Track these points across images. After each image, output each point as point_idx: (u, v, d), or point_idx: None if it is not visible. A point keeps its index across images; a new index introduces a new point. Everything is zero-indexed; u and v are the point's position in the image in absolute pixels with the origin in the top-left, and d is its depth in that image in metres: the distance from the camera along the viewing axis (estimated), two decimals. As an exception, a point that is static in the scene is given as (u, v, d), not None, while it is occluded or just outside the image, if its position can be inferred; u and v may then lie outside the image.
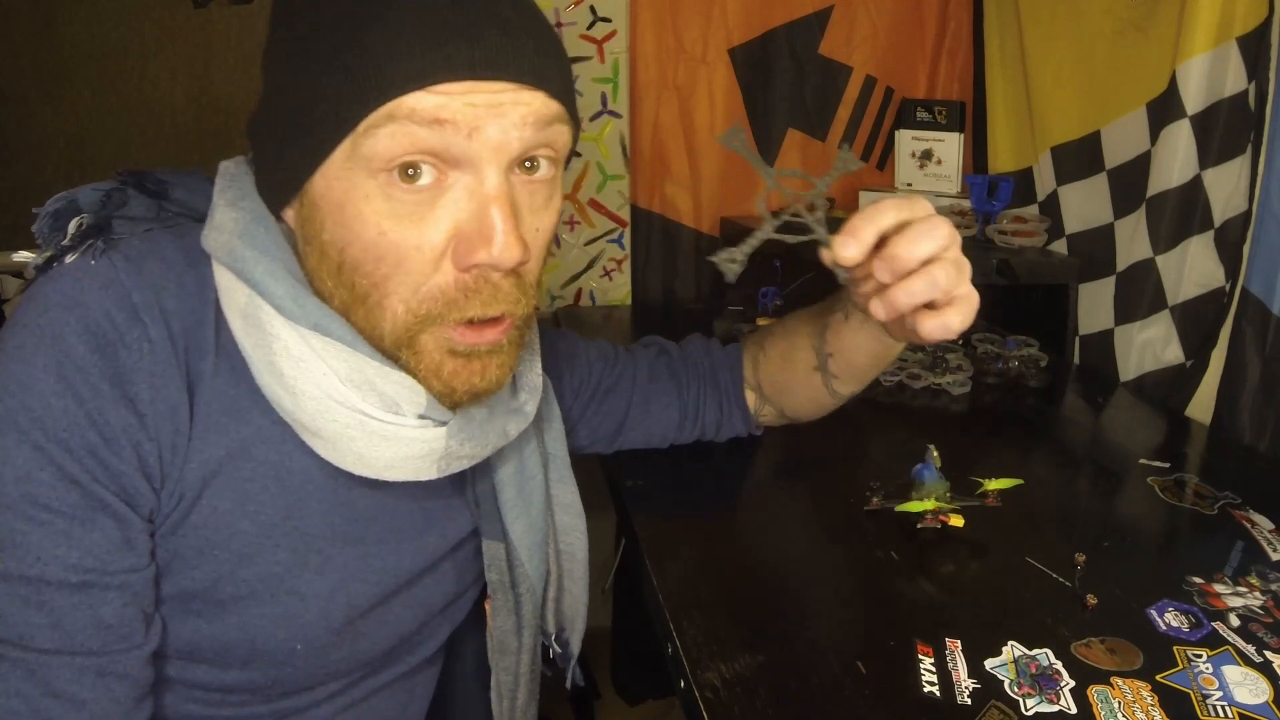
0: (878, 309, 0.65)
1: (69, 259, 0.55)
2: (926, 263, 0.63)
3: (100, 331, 0.53)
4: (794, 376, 0.90)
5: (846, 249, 0.62)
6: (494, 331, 0.57)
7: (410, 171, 0.52)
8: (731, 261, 0.63)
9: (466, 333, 0.56)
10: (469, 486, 0.71)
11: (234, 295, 0.57)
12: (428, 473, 0.61)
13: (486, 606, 0.73)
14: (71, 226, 0.56)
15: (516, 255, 0.53)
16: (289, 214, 0.59)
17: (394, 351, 0.57)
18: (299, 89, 0.53)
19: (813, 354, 0.86)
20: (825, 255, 0.64)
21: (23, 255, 0.59)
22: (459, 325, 0.56)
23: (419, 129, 0.51)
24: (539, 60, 0.54)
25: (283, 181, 0.57)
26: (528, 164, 0.56)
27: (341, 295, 0.56)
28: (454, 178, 0.53)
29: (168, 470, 0.56)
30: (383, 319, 0.56)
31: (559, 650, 0.79)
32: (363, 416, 0.57)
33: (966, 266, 0.65)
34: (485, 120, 0.52)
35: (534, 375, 0.71)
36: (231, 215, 0.58)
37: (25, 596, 0.51)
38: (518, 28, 0.53)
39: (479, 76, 0.51)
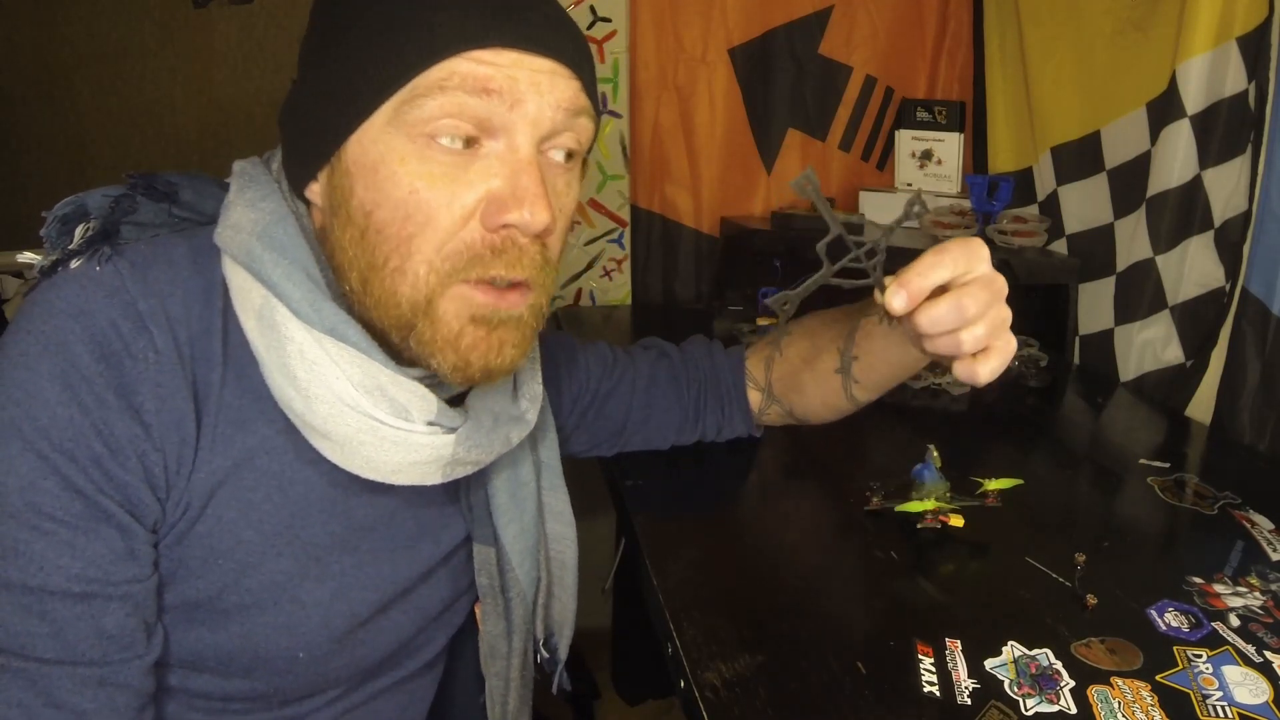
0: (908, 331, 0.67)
1: (74, 264, 0.55)
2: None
3: (105, 341, 0.53)
4: (813, 378, 0.90)
5: (896, 299, 0.62)
6: (516, 294, 0.57)
7: (449, 137, 0.54)
8: (784, 304, 0.64)
9: (489, 292, 0.56)
10: (463, 494, 0.71)
11: (249, 296, 0.56)
12: (432, 478, 0.61)
13: (476, 610, 0.73)
14: (78, 231, 0.55)
15: (545, 218, 0.55)
16: (314, 188, 0.59)
17: (410, 321, 0.56)
18: (346, 57, 0.54)
19: (837, 356, 0.85)
20: (876, 297, 0.64)
21: (28, 256, 0.58)
22: (482, 284, 0.56)
23: (468, 97, 0.53)
24: (576, 50, 0.57)
25: (316, 149, 0.57)
26: (553, 150, 0.58)
27: (362, 264, 0.56)
28: (489, 146, 0.55)
29: (173, 481, 0.56)
30: (402, 283, 0.55)
31: (547, 655, 0.79)
32: (374, 422, 0.56)
33: (1007, 320, 0.66)
34: (526, 94, 0.54)
35: (534, 384, 0.71)
36: (250, 215, 0.58)
37: (27, 606, 0.51)
38: (559, 17, 0.57)
39: (526, 48, 0.54)
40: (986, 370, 0.65)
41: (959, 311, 0.63)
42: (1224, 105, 1.12)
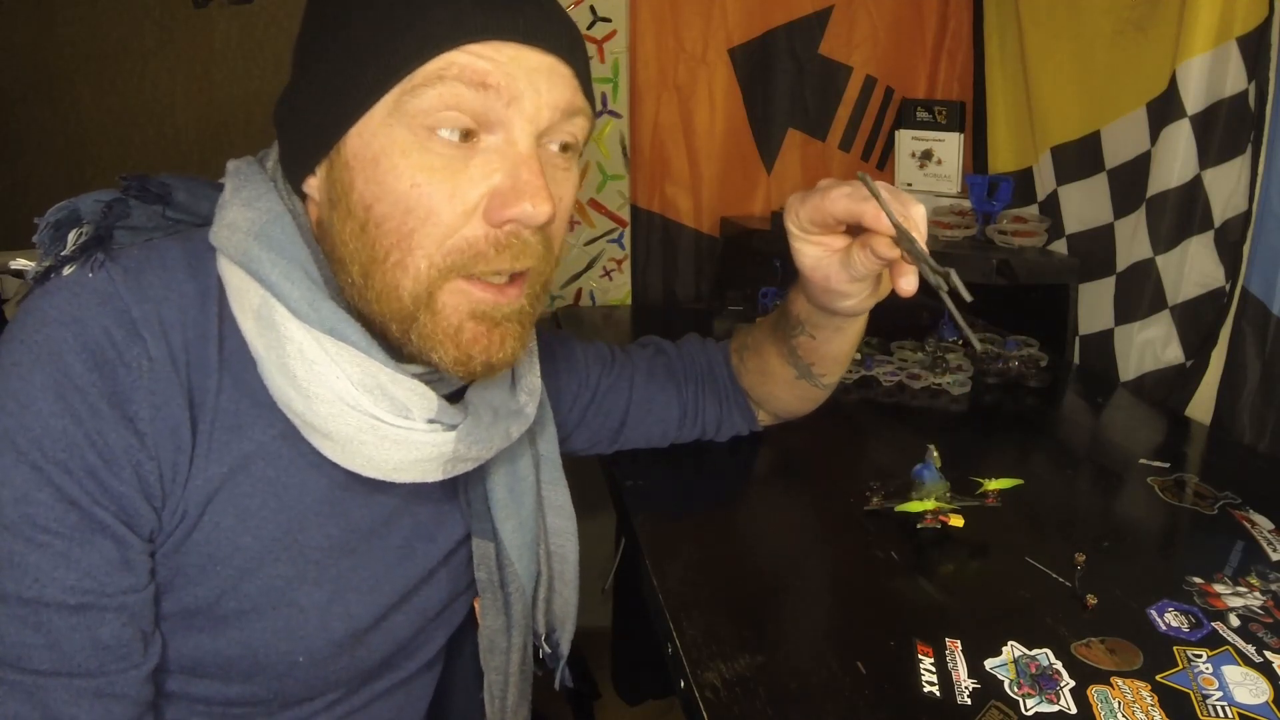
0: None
1: (67, 270, 0.54)
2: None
3: (99, 349, 0.52)
4: (777, 387, 0.93)
5: (906, 281, 0.64)
6: (514, 290, 0.58)
7: (449, 129, 0.54)
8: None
9: (488, 289, 0.57)
10: (462, 490, 0.71)
11: (246, 296, 0.56)
12: (434, 475, 0.61)
13: (476, 605, 0.73)
14: (71, 237, 0.55)
15: (548, 210, 0.55)
16: (311, 183, 0.59)
17: (412, 312, 0.56)
18: (344, 52, 0.55)
19: (790, 368, 0.88)
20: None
21: (21, 263, 0.58)
22: (482, 281, 0.56)
23: (465, 90, 0.53)
24: (572, 44, 0.58)
25: (315, 143, 0.57)
26: (550, 143, 0.59)
27: (363, 257, 0.56)
28: (487, 140, 0.55)
29: (169, 490, 0.55)
30: (404, 277, 0.55)
31: (548, 651, 0.79)
32: (374, 421, 0.56)
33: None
34: (523, 89, 0.55)
35: (533, 377, 0.71)
36: (246, 214, 0.57)
37: (23, 618, 0.51)
38: (554, 12, 0.58)
39: (523, 42, 0.54)
40: (907, 282, 0.65)
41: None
42: (1224, 105, 1.12)
